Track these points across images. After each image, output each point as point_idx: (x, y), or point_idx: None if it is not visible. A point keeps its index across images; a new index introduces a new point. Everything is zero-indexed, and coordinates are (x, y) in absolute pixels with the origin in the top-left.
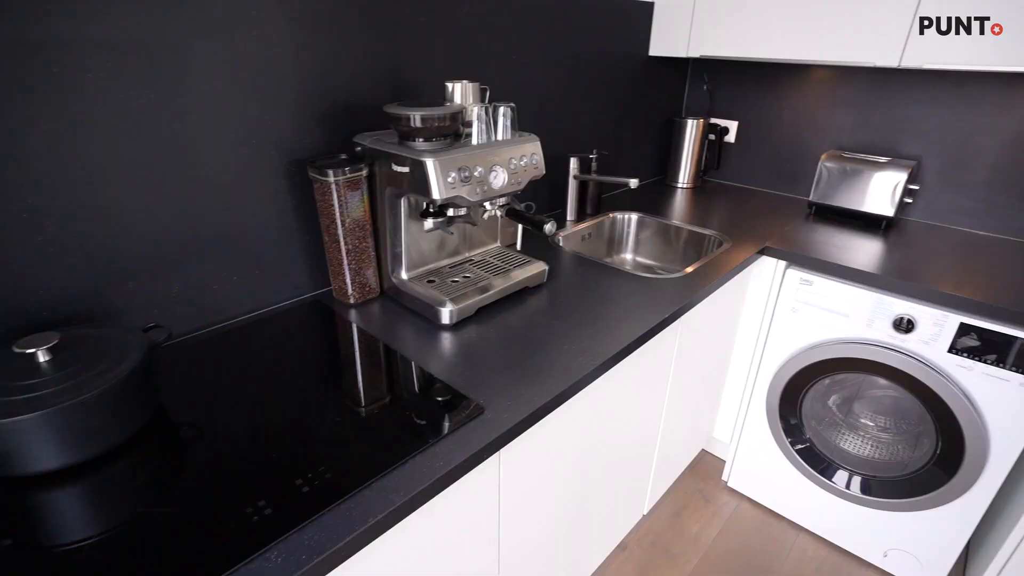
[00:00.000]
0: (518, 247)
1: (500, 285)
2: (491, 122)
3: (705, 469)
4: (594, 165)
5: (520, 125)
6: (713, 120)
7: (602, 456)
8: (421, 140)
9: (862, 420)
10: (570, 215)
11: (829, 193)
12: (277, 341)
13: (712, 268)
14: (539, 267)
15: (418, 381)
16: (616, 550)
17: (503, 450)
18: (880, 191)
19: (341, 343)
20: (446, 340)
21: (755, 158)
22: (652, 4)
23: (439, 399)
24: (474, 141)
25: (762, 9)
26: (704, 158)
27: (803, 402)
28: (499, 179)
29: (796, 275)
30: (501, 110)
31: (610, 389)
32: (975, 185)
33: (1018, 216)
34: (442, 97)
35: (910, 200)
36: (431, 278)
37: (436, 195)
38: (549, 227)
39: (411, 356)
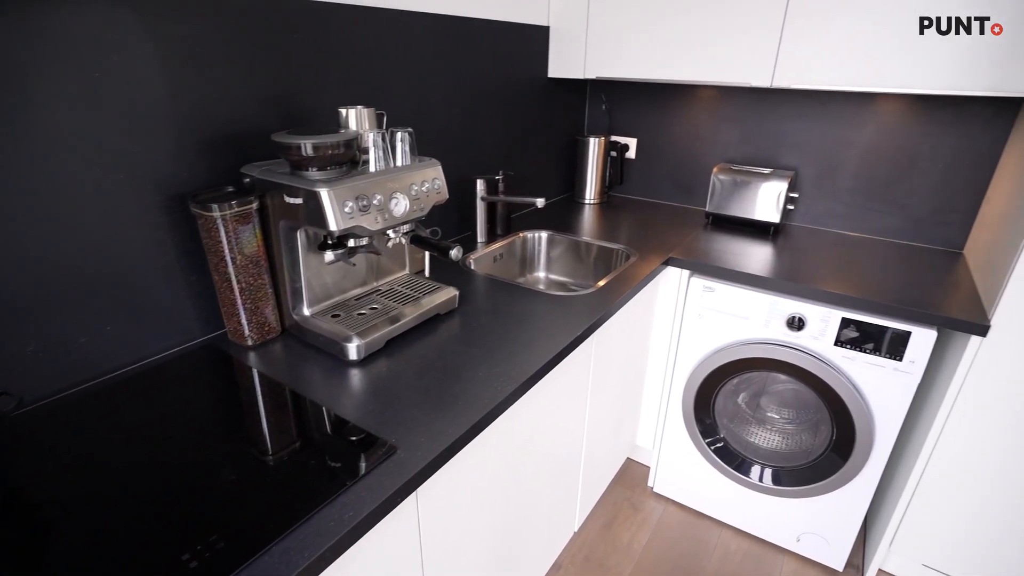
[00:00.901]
0: (427, 273)
1: (410, 314)
2: (389, 148)
3: (631, 477)
4: (501, 186)
5: (422, 150)
6: (614, 138)
7: (528, 479)
8: (314, 169)
9: (769, 414)
10: (480, 237)
11: (723, 204)
12: (163, 394)
13: (622, 281)
14: (449, 293)
15: (325, 425)
16: (551, 570)
17: (420, 489)
18: (766, 200)
19: (240, 389)
20: (355, 377)
21: (655, 172)
22: (548, 28)
23: (350, 441)
24: (372, 168)
25: (648, 34)
26: (608, 174)
27: (715, 402)
28: (400, 206)
29: (699, 283)
30: (399, 135)
31: (530, 411)
32: (843, 192)
33: (877, 218)
34: (336, 124)
35: (792, 207)
36: (336, 312)
37: (333, 226)
38: (455, 252)
39: (317, 398)
